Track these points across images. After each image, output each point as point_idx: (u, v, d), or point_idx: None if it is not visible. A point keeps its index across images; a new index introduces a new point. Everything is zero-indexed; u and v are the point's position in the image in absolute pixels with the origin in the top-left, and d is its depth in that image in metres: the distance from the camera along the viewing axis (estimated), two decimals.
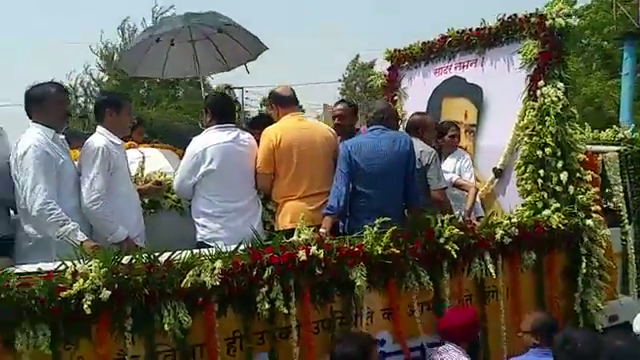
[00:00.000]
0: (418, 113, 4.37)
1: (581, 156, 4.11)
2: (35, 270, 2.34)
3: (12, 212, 3.18)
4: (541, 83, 4.22)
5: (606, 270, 4.16)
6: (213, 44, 5.25)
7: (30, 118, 3.04)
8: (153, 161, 3.63)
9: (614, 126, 5.81)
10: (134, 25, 15.97)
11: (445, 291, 3.43)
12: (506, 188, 4.55)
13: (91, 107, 14.03)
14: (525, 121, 4.30)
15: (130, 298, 2.45)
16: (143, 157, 3.46)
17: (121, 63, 5.45)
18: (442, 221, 3.33)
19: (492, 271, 3.53)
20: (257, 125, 4.05)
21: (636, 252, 5.18)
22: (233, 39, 5.17)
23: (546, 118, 4.16)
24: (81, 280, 2.30)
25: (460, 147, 4.80)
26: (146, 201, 3.54)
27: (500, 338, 3.62)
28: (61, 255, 2.48)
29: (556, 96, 4.12)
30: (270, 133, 3.54)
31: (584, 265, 4.01)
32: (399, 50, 5.75)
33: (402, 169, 3.34)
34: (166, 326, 2.50)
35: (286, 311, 2.80)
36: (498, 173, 4.53)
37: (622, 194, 5.18)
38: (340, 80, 38.89)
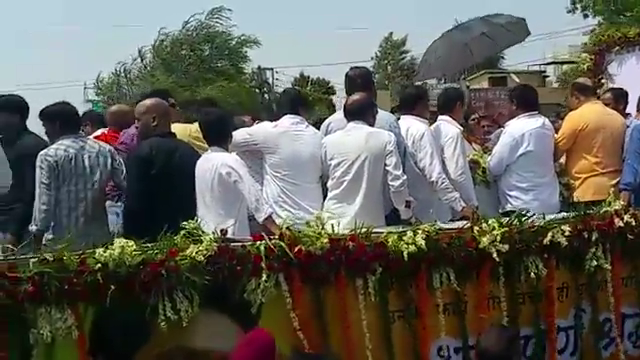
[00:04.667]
0: None
1: None
2: (452, 227, 3.15)
3: None
4: None
5: None
6: (487, 36, 6.17)
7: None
8: None
9: None
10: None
11: None
12: None
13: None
14: None
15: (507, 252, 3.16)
16: None
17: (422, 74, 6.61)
18: None
19: None
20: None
21: None
22: (503, 27, 6.07)
23: None
24: (487, 236, 3.05)
25: None
26: None
27: None
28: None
29: None
30: (577, 117, 4.21)
31: None
32: (609, 34, 6.08)
33: None
34: (532, 274, 3.21)
35: (608, 267, 3.44)
36: None
37: None
38: (372, 58, 37.43)
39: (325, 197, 3.46)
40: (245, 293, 2.71)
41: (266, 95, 22.56)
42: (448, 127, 3.84)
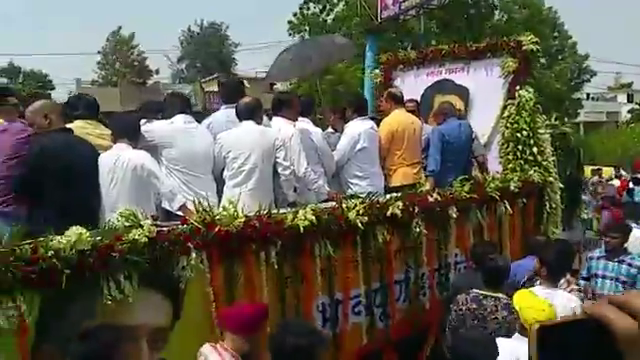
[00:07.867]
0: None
1: (546, 136, 6.36)
2: (328, 206, 3.90)
3: None
4: (518, 87, 6.40)
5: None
6: (327, 52, 7.00)
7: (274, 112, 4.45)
8: None
9: None
10: None
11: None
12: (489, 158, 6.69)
13: None
14: (507, 113, 6.45)
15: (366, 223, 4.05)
16: None
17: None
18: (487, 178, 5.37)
19: (510, 208, 5.63)
20: None
21: None
22: (338, 47, 6.97)
23: (522, 111, 6.35)
24: (353, 211, 3.89)
25: None
26: None
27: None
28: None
29: (529, 97, 6.33)
30: (392, 122, 5.29)
31: (548, 206, 6.31)
32: (394, 55, 7.65)
33: (469, 145, 5.31)
34: (380, 240, 4.16)
35: (425, 232, 4.60)
36: None
37: None
38: (99, 52, 37.23)
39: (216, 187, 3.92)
40: (175, 271, 3.06)
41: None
42: (314, 129, 4.63)
